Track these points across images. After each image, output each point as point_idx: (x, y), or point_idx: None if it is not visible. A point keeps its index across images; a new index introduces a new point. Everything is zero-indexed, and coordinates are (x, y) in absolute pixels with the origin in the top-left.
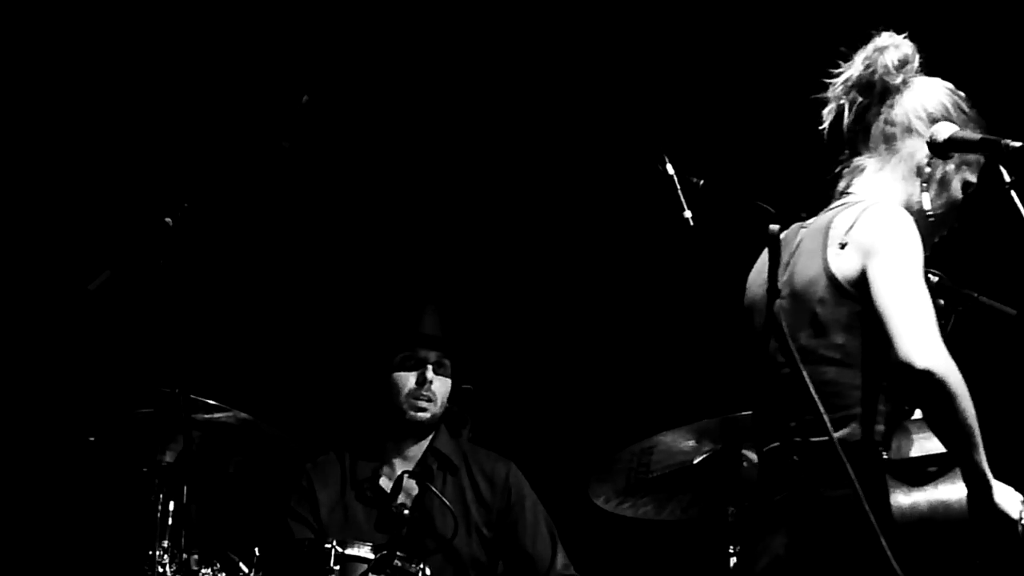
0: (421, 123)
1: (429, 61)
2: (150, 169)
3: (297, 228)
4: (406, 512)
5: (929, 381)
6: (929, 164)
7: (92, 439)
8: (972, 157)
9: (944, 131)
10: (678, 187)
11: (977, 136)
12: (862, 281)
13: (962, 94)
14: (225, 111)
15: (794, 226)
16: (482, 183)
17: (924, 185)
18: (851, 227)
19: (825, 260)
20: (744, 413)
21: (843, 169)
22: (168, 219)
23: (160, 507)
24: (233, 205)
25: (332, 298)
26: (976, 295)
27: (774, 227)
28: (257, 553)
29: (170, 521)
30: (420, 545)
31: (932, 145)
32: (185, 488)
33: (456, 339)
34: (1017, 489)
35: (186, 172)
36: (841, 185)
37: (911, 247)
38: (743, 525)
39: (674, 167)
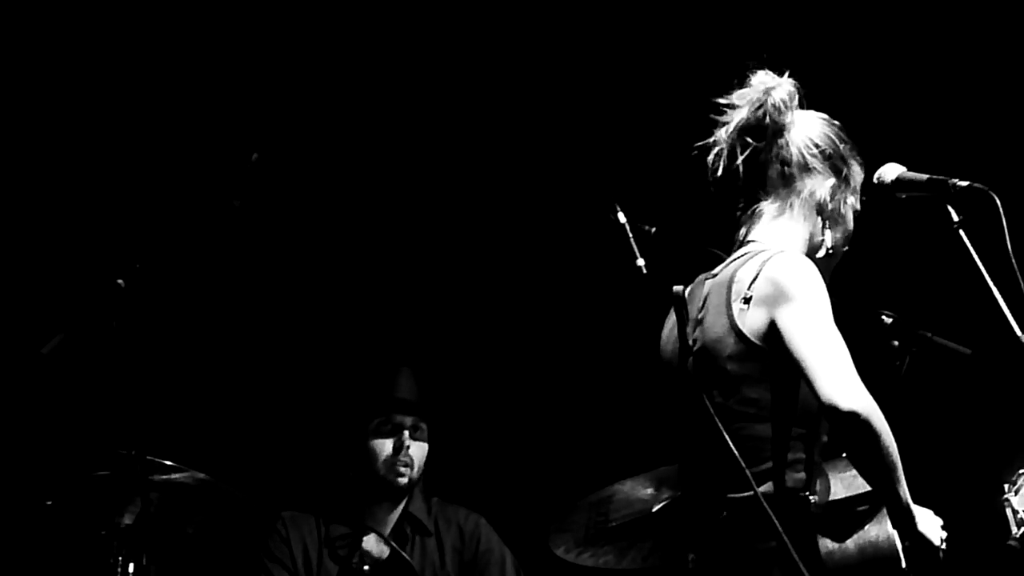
0: (382, 178)
1: (390, 111)
2: (101, 230)
3: (253, 288)
4: (366, 568)
5: (854, 422)
6: (831, 200)
7: (49, 503)
8: (856, 184)
9: (891, 172)
10: (630, 235)
11: (924, 177)
12: (771, 333)
13: (837, 123)
14: (175, 170)
15: (700, 277)
16: (424, 235)
17: (828, 222)
18: (754, 280)
19: (730, 316)
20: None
21: (742, 216)
22: (120, 280)
23: (120, 569)
24: (186, 264)
25: (293, 358)
26: (930, 335)
27: (678, 288)
28: None
29: None
30: None
31: (879, 187)
32: (144, 550)
33: (431, 402)
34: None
35: (137, 233)
36: (741, 233)
37: (817, 293)
38: None
39: (626, 215)
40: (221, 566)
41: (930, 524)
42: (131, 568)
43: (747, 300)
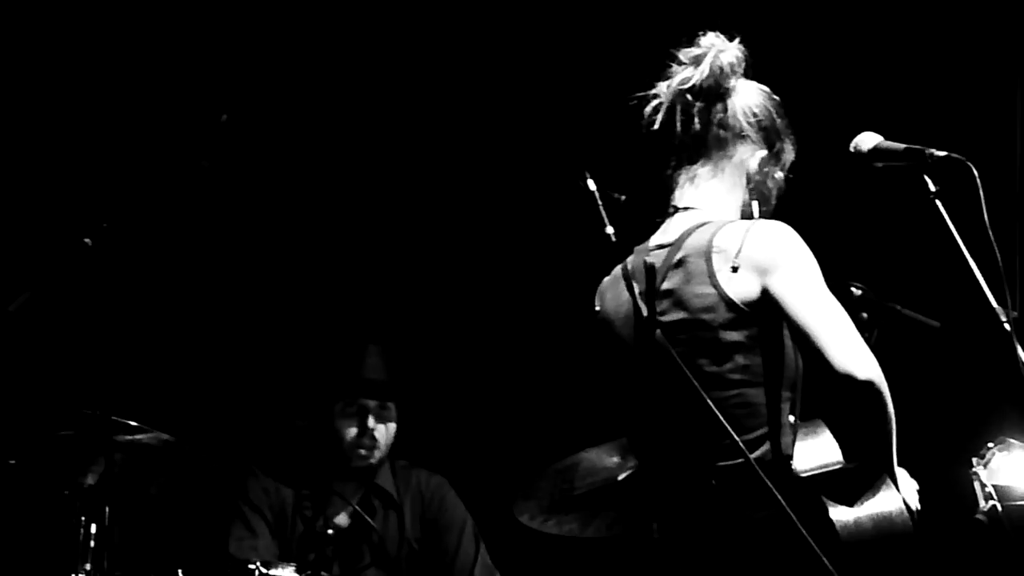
0: (348, 150)
1: (359, 88)
2: (69, 189)
3: (221, 250)
4: (330, 532)
5: (870, 391)
6: (760, 172)
7: (12, 462)
8: (785, 162)
9: (868, 141)
10: (600, 203)
11: (901, 146)
12: (763, 301)
13: (777, 98)
14: (144, 130)
15: (638, 249)
16: (388, 199)
17: (753, 192)
18: (740, 249)
19: (718, 286)
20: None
21: (673, 176)
22: (87, 240)
23: (82, 530)
24: (153, 225)
25: (257, 319)
26: (899, 308)
27: (650, 260)
28: (180, 575)
29: (92, 544)
30: (350, 567)
31: (856, 155)
32: (107, 510)
33: (399, 381)
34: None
35: (105, 192)
36: (676, 196)
37: (809, 259)
38: (651, 550)
39: (595, 183)
40: (184, 527)
41: (909, 488)
42: (93, 528)
43: (735, 269)
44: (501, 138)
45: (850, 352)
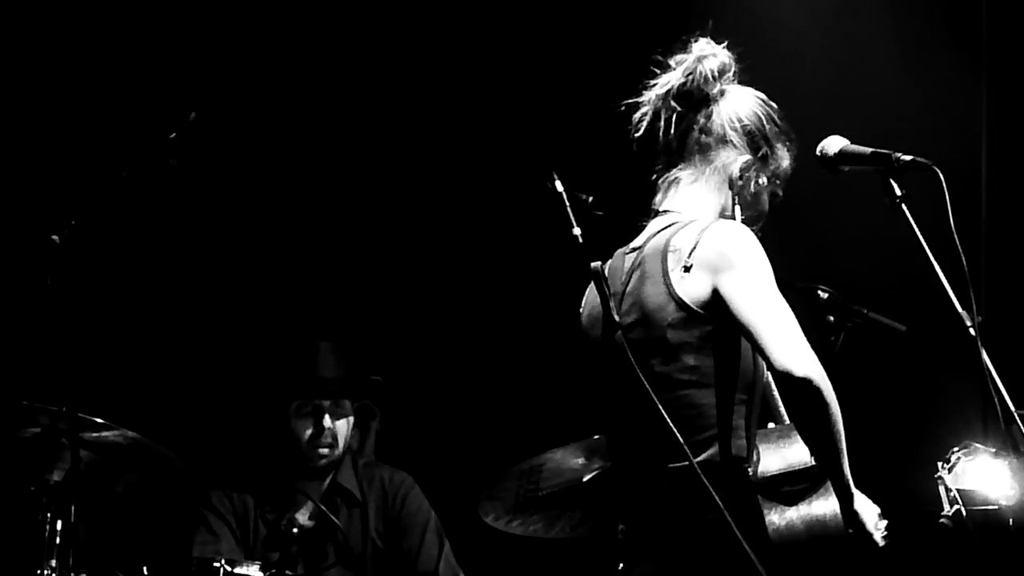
0: (313, 147)
1: (324, 87)
2: (37, 186)
3: (188, 247)
4: (295, 531)
5: (807, 389)
6: (742, 177)
7: None
8: (783, 172)
9: (834, 145)
10: (567, 204)
11: (868, 150)
12: (713, 301)
13: (774, 105)
14: (112, 128)
15: (617, 252)
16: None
17: (736, 197)
18: (694, 248)
19: (669, 285)
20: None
21: (658, 180)
22: (55, 237)
23: (48, 526)
24: (121, 223)
25: (224, 316)
26: (866, 311)
27: (596, 264)
28: (145, 572)
29: (58, 540)
30: (314, 565)
31: (822, 159)
32: (73, 507)
33: (353, 376)
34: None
35: (73, 189)
36: (657, 200)
37: (760, 260)
38: (615, 551)
39: (563, 184)
40: (149, 524)
41: (867, 509)
42: (59, 525)
43: (687, 268)
44: (468, 137)
45: (788, 349)
